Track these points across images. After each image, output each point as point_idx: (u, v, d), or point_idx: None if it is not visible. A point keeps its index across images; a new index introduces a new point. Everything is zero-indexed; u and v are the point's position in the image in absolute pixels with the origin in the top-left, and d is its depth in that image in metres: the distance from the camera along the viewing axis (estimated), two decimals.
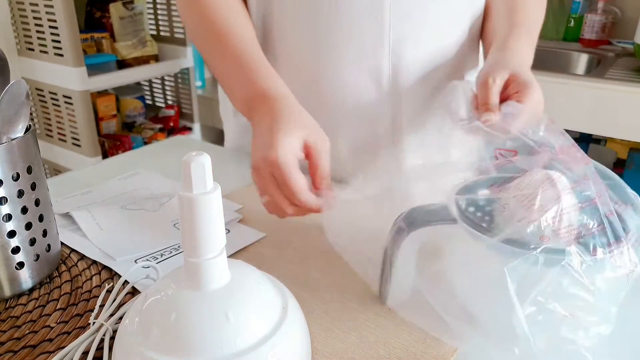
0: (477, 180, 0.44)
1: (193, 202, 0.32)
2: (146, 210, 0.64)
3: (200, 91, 2.11)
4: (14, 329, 0.45)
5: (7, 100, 0.45)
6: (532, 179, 0.39)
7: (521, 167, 0.41)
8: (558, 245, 0.36)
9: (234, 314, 0.33)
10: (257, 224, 0.61)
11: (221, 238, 0.34)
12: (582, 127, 1.38)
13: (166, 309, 0.34)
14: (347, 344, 0.43)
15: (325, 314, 0.47)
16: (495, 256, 0.38)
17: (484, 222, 0.39)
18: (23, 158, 0.46)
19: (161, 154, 0.86)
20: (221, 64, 0.64)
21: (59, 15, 1.43)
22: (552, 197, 0.37)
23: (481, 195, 0.41)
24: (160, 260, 0.54)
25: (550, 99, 0.59)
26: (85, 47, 1.62)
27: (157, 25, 1.86)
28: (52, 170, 1.75)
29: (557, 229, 0.37)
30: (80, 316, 0.46)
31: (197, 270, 0.34)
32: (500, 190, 0.41)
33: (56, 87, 1.56)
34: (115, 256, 0.54)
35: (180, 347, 0.32)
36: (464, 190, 0.42)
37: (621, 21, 1.69)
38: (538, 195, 0.38)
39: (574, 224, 0.37)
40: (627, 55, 1.58)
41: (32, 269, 0.49)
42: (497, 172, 0.43)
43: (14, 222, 0.46)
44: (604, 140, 1.69)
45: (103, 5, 1.72)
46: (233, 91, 0.63)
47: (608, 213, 0.38)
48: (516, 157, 0.44)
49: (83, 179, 0.75)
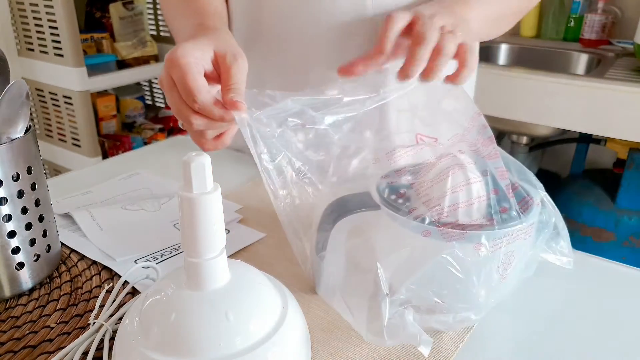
0: (397, 168, 0.47)
1: (193, 202, 0.32)
2: (146, 211, 0.64)
3: None
4: (14, 329, 0.45)
5: (7, 100, 0.45)
6: (445, 163, 0.43)
7: (438, 153, 0.45)
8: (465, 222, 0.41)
9: (234, 314, 0.33)
10: (257, 224, 0.61)
11: (221, 238, 0.34)
12: (582, 127, 1.38)
13: (166, 309, 0.34)
14: (347, 344, 0.43)
15: (325, 314, 0.47)
16: (410, 235, 0.42)
17: (403, 206, 0.43)
18: (23, 158, 0.46)
19: (161, 154, 0.86)
20: (177, 16, 0.62)
21: (59, 15, 1.43)
22: (461, 180, 0.42)
23: (401, 181, 0.46)
24: (160, 261, 0.54)
25: (550, 99, 0.58)
26: (85, 47, 1.62)
27: (157, 25, 1.86)
28: (52, 170, 1.75)
29: (463, 209, 0.41)
30: (80, 316, 0.46)
31: (197, 270, 0.34)
32: (418, 175, 0.45)
33: (56, 87, 1.56)
34: (115, 256, 0.54)
35: (180, 347, 0.32)
36: (386, 178, 0.47)
37: (621, 21, 1.69)
38: (449, 178, 0.42)
39: (477, 206, 0.42)
40: (627, 55, 1.58)
41: (32, 269, 0.49)
42: (413, 158, 0.48)
43: (14, 223, 0.46)
44: (604, 140, 1.69)
45: (103, 5, 1.72)
46: (180, 35, 0.61)
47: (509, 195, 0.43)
48: (436, 142, 0.48)
49: (83, 179, 0.75)
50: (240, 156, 0.83)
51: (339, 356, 0.42)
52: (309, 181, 0.47)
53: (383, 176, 0.47)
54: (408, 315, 0.40)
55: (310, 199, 0.47)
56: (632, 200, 1.45)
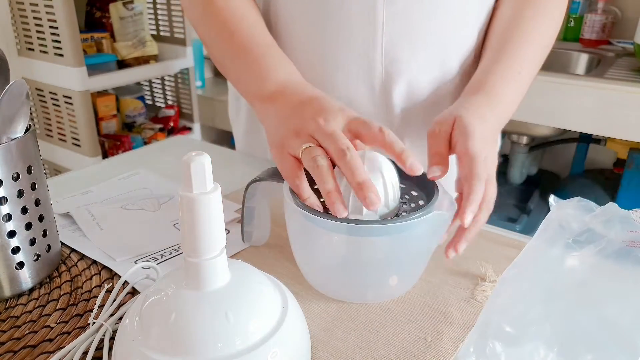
0: None
1: (193, 202, 0.32)
2: (146, 211, 0.64)
3: (200, 91, 2.11)
4: (14, 329, 0.45)
5: (7, 100, 0.45)
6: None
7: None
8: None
9: (234, 314, 0.33)
10: None
11: (221, 238, 0.34)
12: (582, 127, 1.38)
13: (166, 309, 0.34)
14: (347, 344, 0.43)
15: (326, 314, 0.47)
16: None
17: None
18: (23, 158, 0.46)
19: (161, 154, 0.86)
20: (227, 53, 0.61)
21: (59, 15, 1.43)
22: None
23: None
24: (160, 261, 0.54)
25: (550, 99, 0.58)
26: (85, 47, 1.62)
27: (157, 25, 1.86)
28: (52, 170, 1.75)
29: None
30: (80, 316, 0.46)
31: (197, 270, 0.34)
32: None
33: (56, 87, 1.56)
34: (115, 256, 0.54)
35: (180, 347, 0.32)
36: None
37: (621, 21, 1.69)
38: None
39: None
40: (627, 55, 1.58)
41: (32, 269, 0.49)
42: None
43: (14, 222, 0.46)
44: (604, 140, 1.69)
45: (103, 5, 1.72)
46: (242, 83, 0.60)
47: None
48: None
49: (83, 179, 0.75)
50: (241, 156, 0.83)
51: (339, 356, 0.42)
52: None
53: None
54: None
55: None
56: (632, 200, 1.45)
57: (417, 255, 0.47)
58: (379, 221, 0.43)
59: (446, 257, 0.49)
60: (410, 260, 0.47)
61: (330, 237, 0.45)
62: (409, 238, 0.44)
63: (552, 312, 0.39)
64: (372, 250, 0.45)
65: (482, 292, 0.49)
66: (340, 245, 0.46)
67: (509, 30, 0.61)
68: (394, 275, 0.47)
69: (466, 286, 0.51)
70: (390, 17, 0.61)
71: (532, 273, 0.42)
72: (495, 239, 0.58)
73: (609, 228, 0.44)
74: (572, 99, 1.34)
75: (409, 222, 0.42)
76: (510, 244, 0.57)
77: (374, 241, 0.44)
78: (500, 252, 0.56)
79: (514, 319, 0.38)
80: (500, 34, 0.62)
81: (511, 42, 0.60)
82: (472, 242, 0.49)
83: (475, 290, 0.50)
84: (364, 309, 0.47)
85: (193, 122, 1.91)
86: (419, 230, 0.44)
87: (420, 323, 0.46)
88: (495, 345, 0.37)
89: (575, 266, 0.43)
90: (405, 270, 0.48)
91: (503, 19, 0.63)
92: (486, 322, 0.39)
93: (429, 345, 0.43)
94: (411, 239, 0.44)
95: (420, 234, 0.44)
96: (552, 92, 1.34)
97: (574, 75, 1.42)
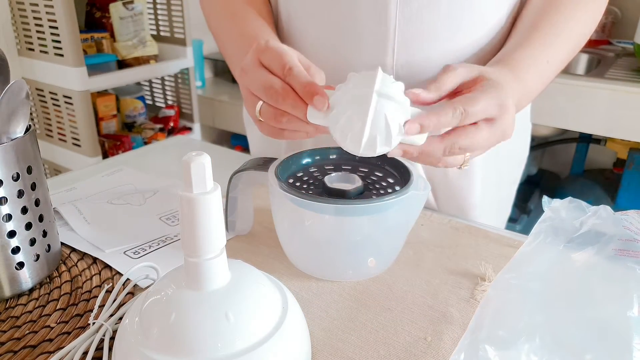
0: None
1: (193, 202, 0.32)
2: (132, 205, 0.65)
3: (200, 91, 2.11)
4: (14, 329, 0.45)
5: (7, 100, 0.45)
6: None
7: None
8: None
9: (234, 314, 0.33)
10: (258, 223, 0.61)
11: (221, 238, 0.34)
12: (582, 127, 1.38)
13: (166, 309, 0.34)
14: (347, 344, 0.43)
15: (326, 314, 0.47)
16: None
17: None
18: (23, 158, 0.46)
19: (161, 154, 0.86)
20: (225, 33, 0.64)
21: (59, 15, 1.43)
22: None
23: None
24: (148, 252, 0.55)
25: (550, 99, 0.58)
26: (86, 47, 1.62)
27: (157, 25, 1.86)
28: (52, 170, 1.75)
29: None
30: (80, 316, 0.46)
31: (197, 270, 0.34)
32: None
33: (56, 87, 1.56)
34: (103, 247, 0.54)
35: (180, 347, 0.32)
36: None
37: (621, 21, 1.69)
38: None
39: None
40: (627, 55, 1.58)
41: (32, 269, 0.49)
42: None
43: (14, 222, 0.46)
44: (604, 140, 1.69)
45: (103, 5, 1.71)
46: (228, 54, 0.63)
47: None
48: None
49: (83, 178, 0.75)
50: (241, 156, 0.83)
51: (339, 356, 0.42)
52: None
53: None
54: None
55: None
56: (632, 200, 1.45)
57: (396, 233, 0.51)
58: (361, 201, 0.46)
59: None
60: (389, 238, 0.51)
61: (315, 218, 0.48)
62: (388, 217, 0.48)
63: (544, 315, 0.39)
64: (355, 229, 0.49)
65: (482, 292, 0.49)
66: (324, 225, 0.49)
67: (542, 15, 0.58)
68: (373, 254, 0.51)
69: (466, 286, 0.51)
70: (403, 19, 0.59)
71: (524, 277, 0.42)
72: (495, 239, 0.58)
73: (600, 235, 0.44)
74: (572, 99, 1.34)
75: (388, 201, 0.46)
76: (510, 244, 0.57)
77: (355, 220, 0.48)
78: (500, 252, 0.56)
79: (507, 323, 0.38)
80: (533, 20, 0.59)
81: (542, 29, 0.57)
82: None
83: (475, 290, 0.50)
84: (364, 309, 0.47)
85: (193, 122, 1.91)
86: (397, 208, 0.47)
87: (420, 323, 0.46)
88: (487, 349, 0.37)
89: (567, 270, 0.43)
90: (384, 249, 0.52)
91: (536, 4, 0.60)
92: (479, 327, 0.39)
93: (429, 345, 0.43)
94: (390, 218, 0.48)
95: (397, 213, 0.48)
96: (552, 92, 1.34)
97: (574, 75, 1.42)
